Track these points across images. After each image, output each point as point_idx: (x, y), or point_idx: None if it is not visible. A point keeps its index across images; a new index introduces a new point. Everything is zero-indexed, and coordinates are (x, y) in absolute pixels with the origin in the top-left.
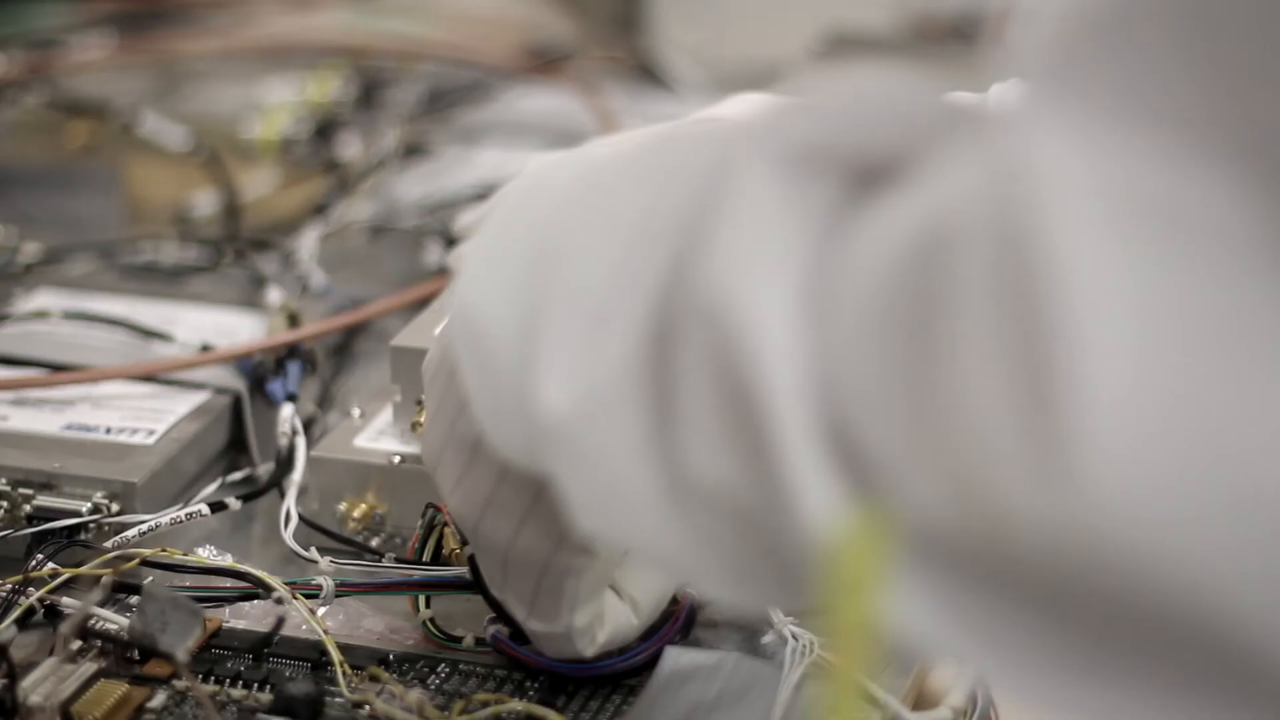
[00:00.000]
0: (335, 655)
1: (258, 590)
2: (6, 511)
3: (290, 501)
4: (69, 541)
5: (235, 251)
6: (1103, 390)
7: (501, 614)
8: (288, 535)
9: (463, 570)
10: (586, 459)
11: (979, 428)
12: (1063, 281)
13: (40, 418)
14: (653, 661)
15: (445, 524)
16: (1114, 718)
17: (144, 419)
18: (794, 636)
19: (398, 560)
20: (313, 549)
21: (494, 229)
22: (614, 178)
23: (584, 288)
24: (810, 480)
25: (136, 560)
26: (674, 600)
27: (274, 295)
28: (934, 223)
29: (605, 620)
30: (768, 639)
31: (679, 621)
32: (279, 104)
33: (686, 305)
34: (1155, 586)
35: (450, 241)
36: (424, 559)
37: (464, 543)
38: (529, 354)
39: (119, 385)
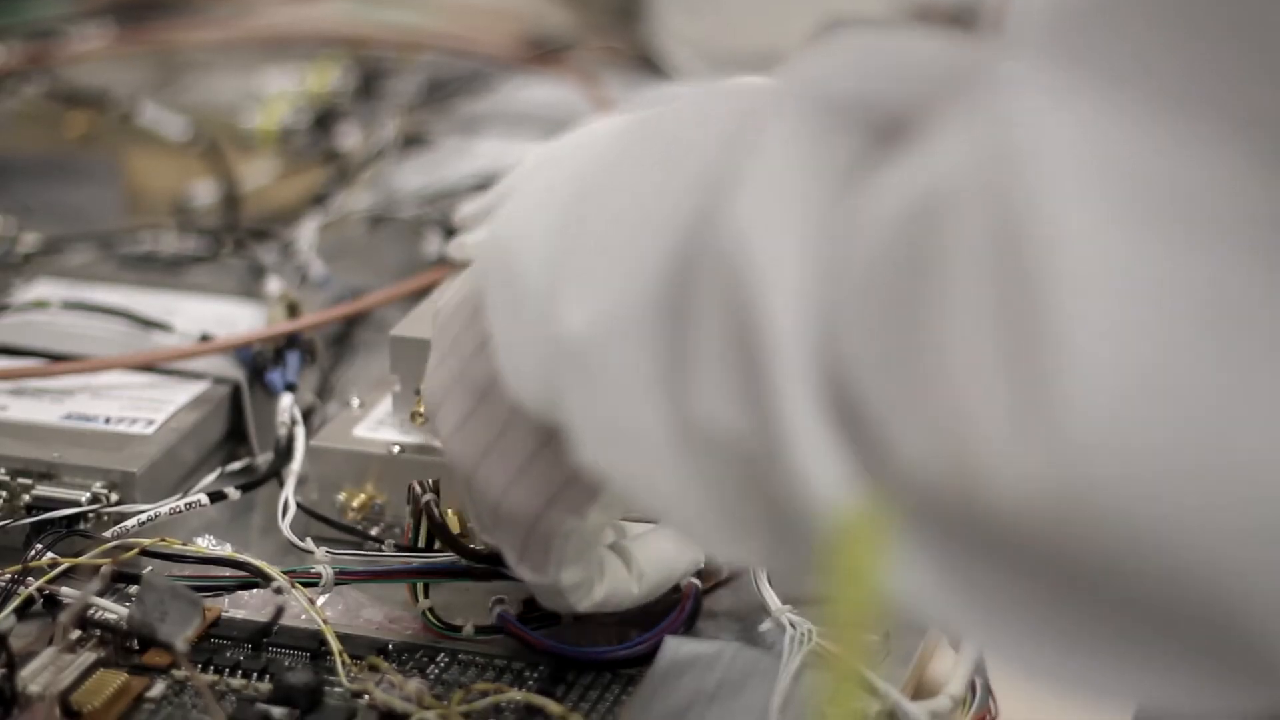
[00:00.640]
0: (334, 645)
1: (257, 580)
2: (6, 501)
3: (289, 491)
4: (68, 531)
5: (235, 241)
6: (1086, 355)
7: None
8: (285, 525)
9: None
10: (598, 385)
11: (965, 390)
12: (1050, 249)
13: (39, 407)
14: (654, 651)
15: (432, 503)
16: (1096, 684)
17: (143, 409)
18: (792, 625)
19: (397, 548)
20: (308, 540)
21: (537, 174)
22: (651, 128)
23: (613, 225)
24: (806, 431)
25: (135, 550)
26: (678, 590)
27: (274, 285)
28: (932, 186)
29: (605, 580)
30: (765, 627)
31: (684, 612)
32: (278, 94)
33: (707, 248)
34: (1134, 548)
35: (450, 232)
36: (419, 545)
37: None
38: (556, 281)
39: (118, 375)
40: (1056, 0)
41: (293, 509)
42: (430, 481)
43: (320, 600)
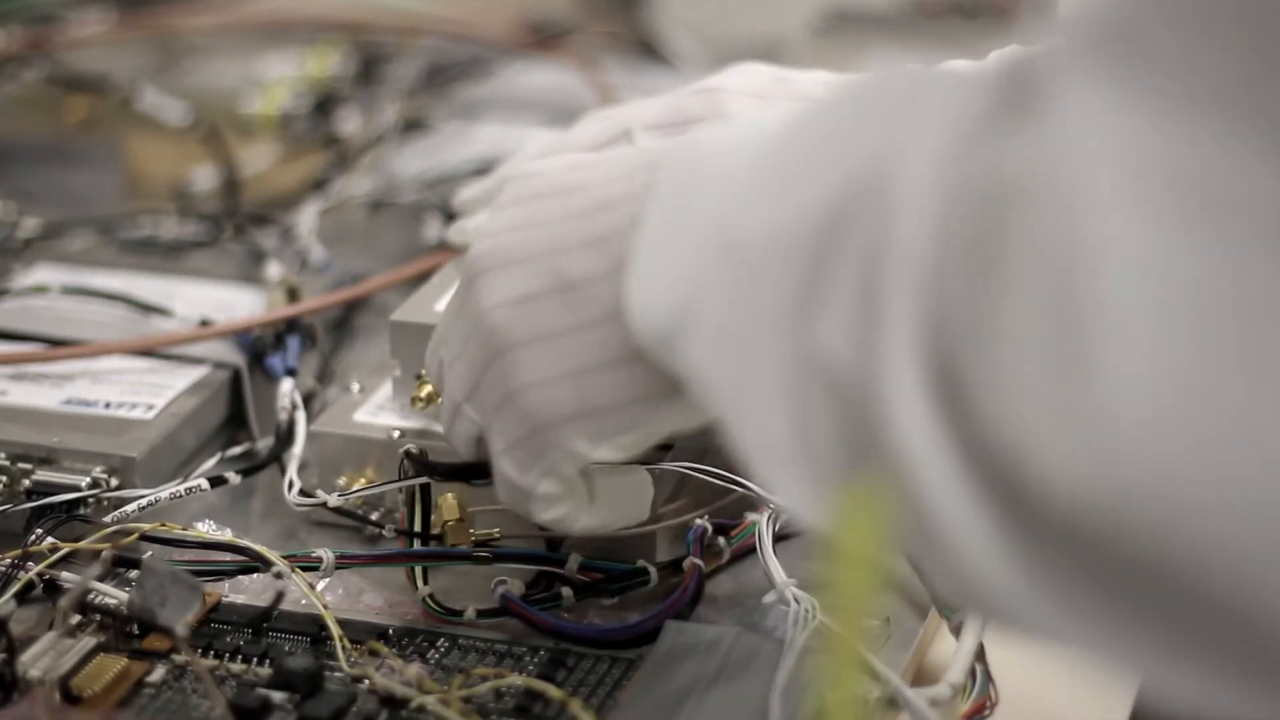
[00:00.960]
0: (334, 629)
1: (257, 564)
2: (5, 486)
3: (292, 472)
4: (68, 516)
5: (234, 226)
6: (1127, 362)
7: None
8: (291, 497)
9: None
10: (744, 289)
11: (1018, 384)
12: (1096, 251)
13: (39, 392)
14: (656, 631)
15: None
16: (1118, 662)
17: (143, 394)
18: (796, 600)
19: (396, 533)
20: (319, 491)
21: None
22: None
23: (804, 157)
24: (902, 382)
25: (135, 535)
26: (680, 571)
27: (274, 270)
28: (1007, 175)
29: (567, 501)
30: (769, 599)
31: (686, 593)
32: (278, 79)
33: (871, 190)
34: (1168, 547)
35: (450, 216)
36: (415, 529)
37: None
38: (741, 193)
39: (118, 360)
40: (1105, 3)
41: (298, 484)
42: (417, 449)
43: (320, 585)
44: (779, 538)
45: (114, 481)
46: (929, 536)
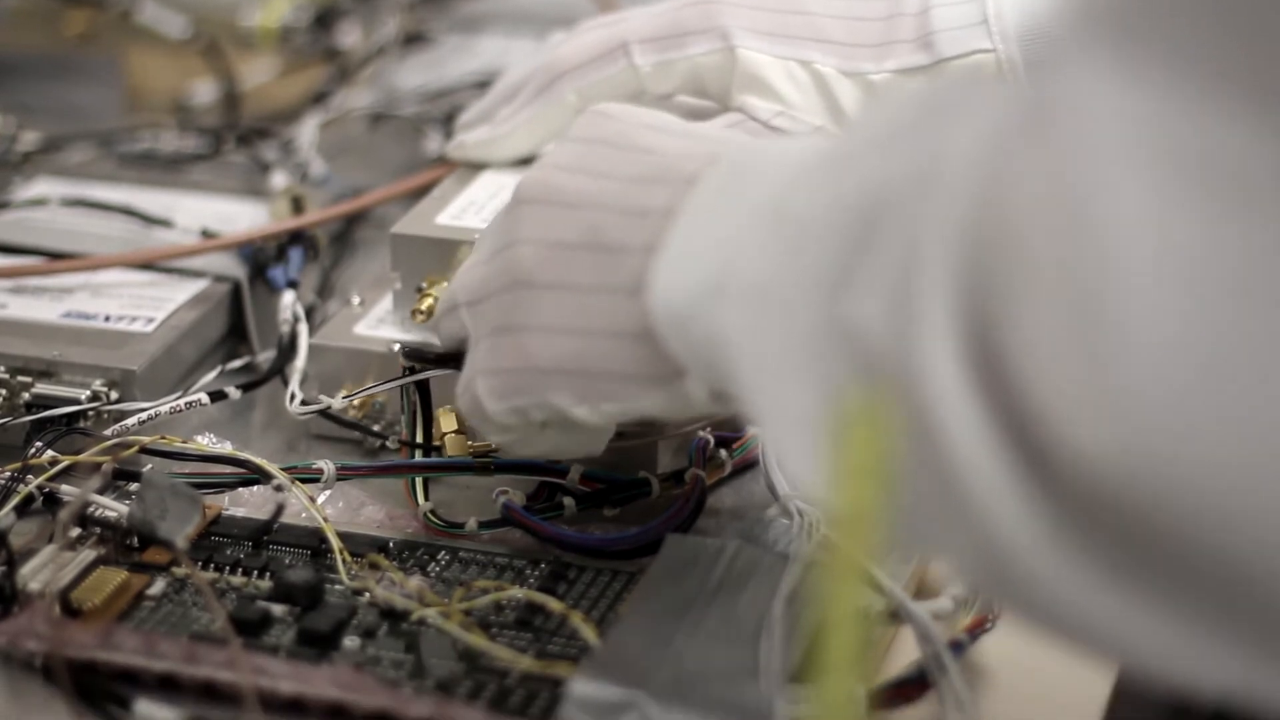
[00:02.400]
0: (335, 543)
1: (257, 477)
2: (5, 399)
3: (294, 385)
4: (68, 429)
5: (235, 140)
6: (1146, 335)
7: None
8: (294, 409)
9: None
10: (786, 249)
11: (1039, 361)
12: (1107, 229)
13: (39, 305)
14: (658, 542)
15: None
16: (1120, 630)
17: (143, 307)
18: (799, 513)
19: (400, 444)
20: (321, 397)
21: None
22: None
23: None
24: (941, 356)
25: (135, 448)
26: (682, 483)
27: (278, 179)
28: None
29: (525, 430)
30: (772, 512)
31: (688, 504)
32: None
33: (918, 173)
34: (1189, 518)
35: (450, 130)
36: (417, 439)
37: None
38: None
39: (118, 273)
40: None
41: (299, 397)
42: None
43: (320, 498)
44: None
45: (114, 395)
46: (956, 502)
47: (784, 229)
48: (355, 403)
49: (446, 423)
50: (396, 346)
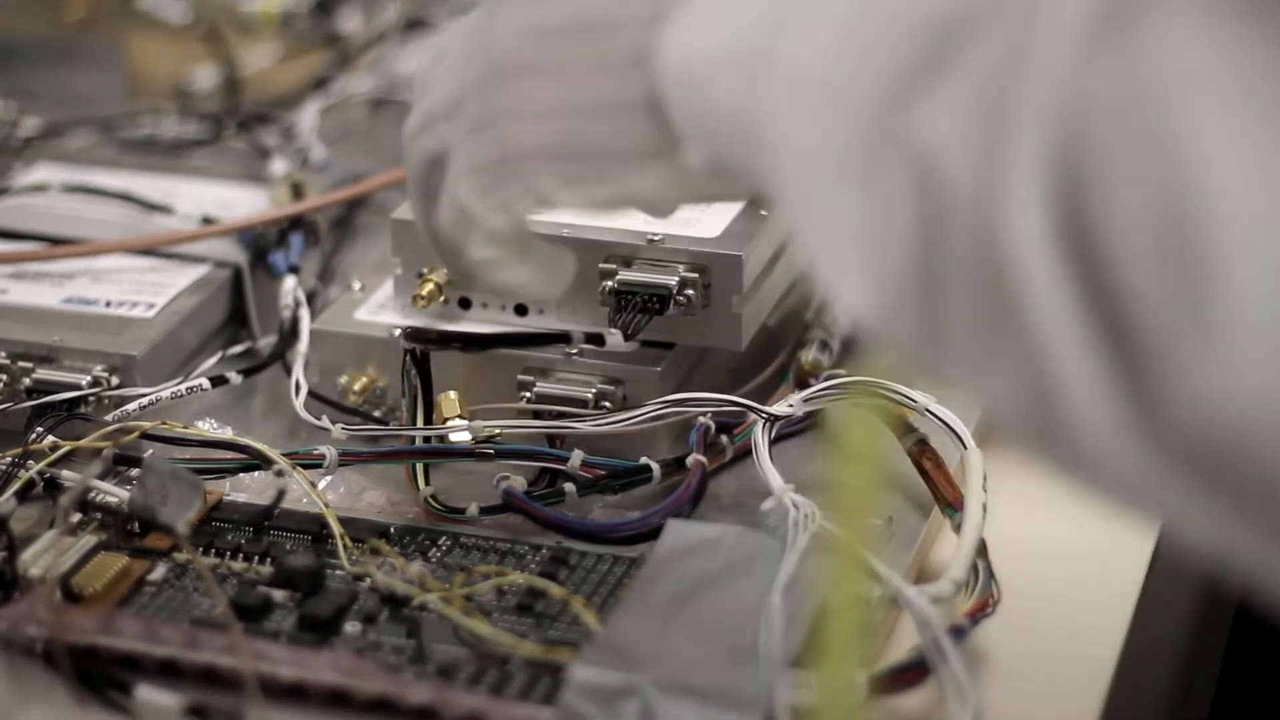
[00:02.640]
0: (336, 528)
1: (258, 463)
2: (6, 385)
3: (298, 372)
4: (68, 414)
5: (237, 124)
6: (1245, 285)
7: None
8: (299, 404)
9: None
10: (847, 41)
11: (1144, 274)
12: (1201, 176)
13: (39, 291)
14: (658, 530)
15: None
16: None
17: (144, 292)
18: (795, 505)
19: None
20: (324, 417)
21: None
22: None
23: None
24: (1029, 205)
25: (136, 433)
26: (683, 469)
27: (278, 165)
28: (1085, 91)
29: (505, 250)
30: (768, 505)
31: (689, 490)
32: None
33: None
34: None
35: None
36: (418, 423)
37: None
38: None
39: (119, 259)
40: None
41: (305, 388)
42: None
43: (321, 484)
44: (778, 439)
45: (114, 380)
46: (1014, 325)
47: (857, 23)
48: (356, 388)
49: (448, 408)
50: (397, 331)
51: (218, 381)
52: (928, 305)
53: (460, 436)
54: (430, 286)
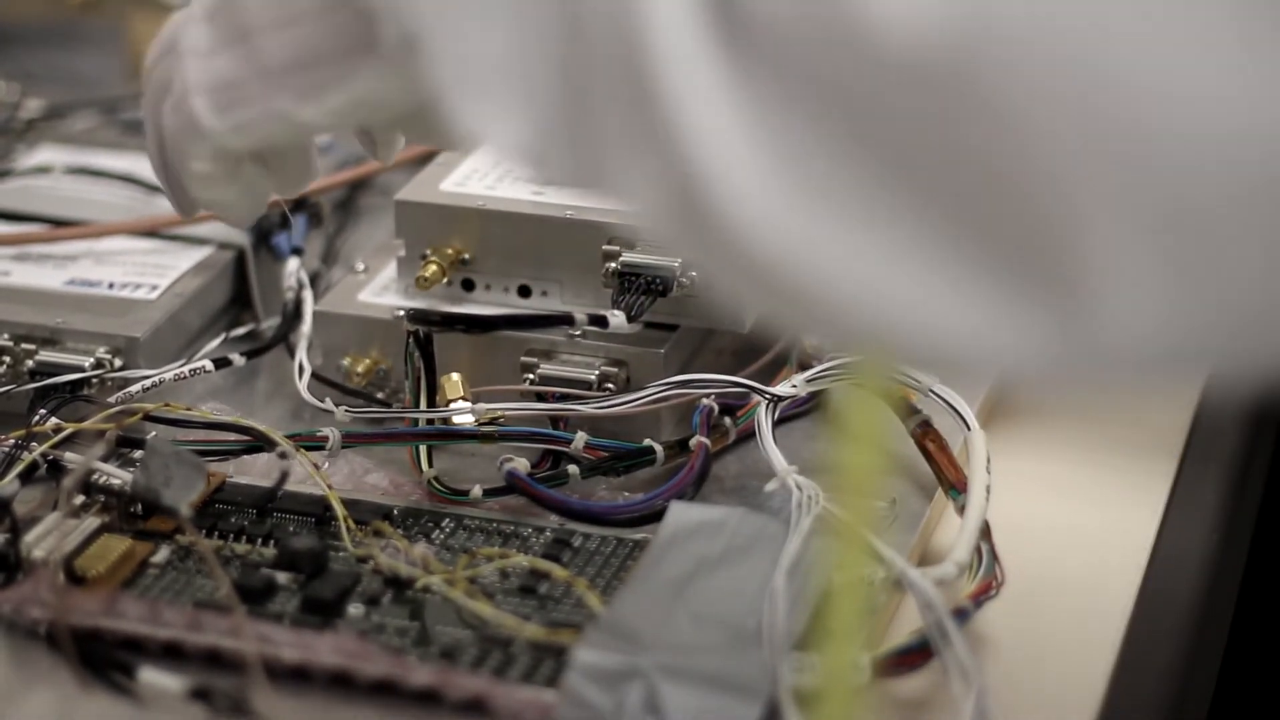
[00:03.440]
0: (339, 510)
1: (261, 445)
2: (9, 367)
3: (301, 354)
4: (72, 396)
5: None
6: None
7: None
8: (302, 386)
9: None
10: None
11: None
12: None
13: (42, 273)
14: (661, 512)
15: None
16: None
17: (147, 274)
18: (798, 487)
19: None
20: (328, 400)
21: None
22: None
23: None
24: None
25: (139, 415)
26: (687, 450)
27: None
28: None
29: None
30: (772, 487)
31: (692, 472)
32: None
33: None
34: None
35: None
36: (421, 405)
37: None
38: None
39: (121, 240)
40: None
41: (308, 370)
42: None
43: (325, 466)
44: (781, 420)
45: (118, 362)
46: (649, 121)
47: None
48: (359, 370)
49: (451, 390)
50: (401, 313)
51: (221, 363)
52: (579, 130)
53: (463, 418)
54: (434, 268)
